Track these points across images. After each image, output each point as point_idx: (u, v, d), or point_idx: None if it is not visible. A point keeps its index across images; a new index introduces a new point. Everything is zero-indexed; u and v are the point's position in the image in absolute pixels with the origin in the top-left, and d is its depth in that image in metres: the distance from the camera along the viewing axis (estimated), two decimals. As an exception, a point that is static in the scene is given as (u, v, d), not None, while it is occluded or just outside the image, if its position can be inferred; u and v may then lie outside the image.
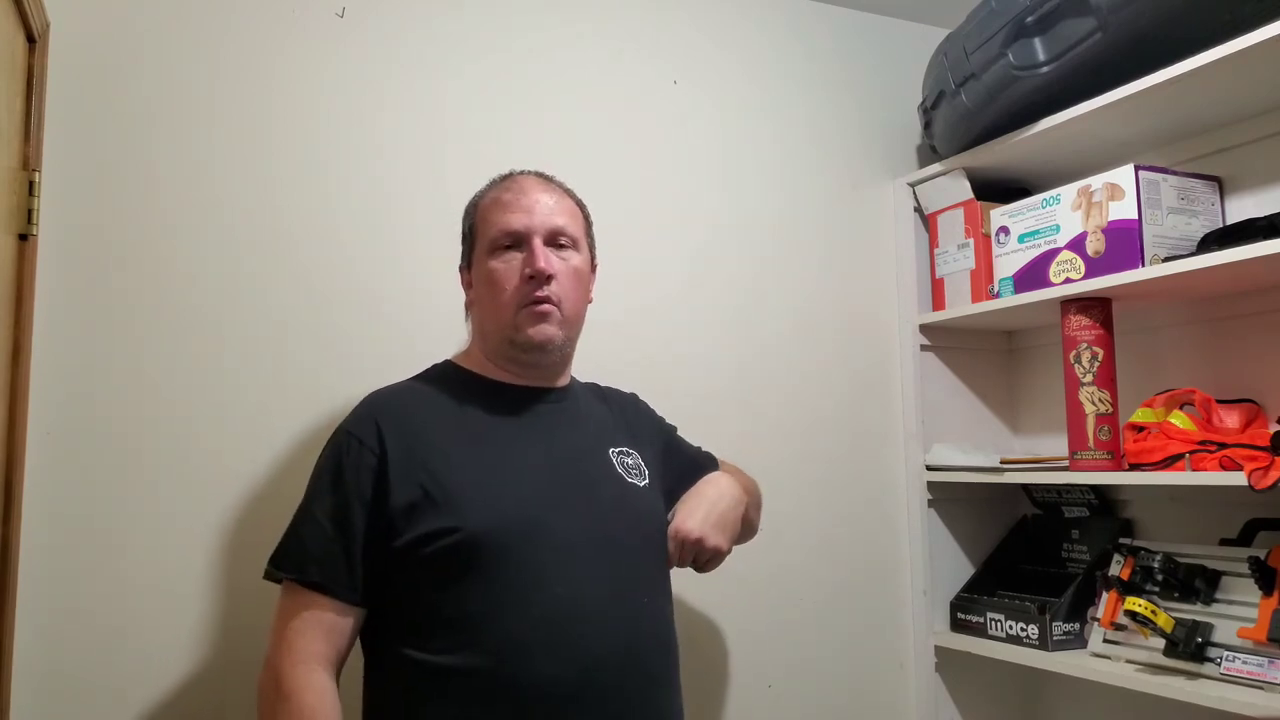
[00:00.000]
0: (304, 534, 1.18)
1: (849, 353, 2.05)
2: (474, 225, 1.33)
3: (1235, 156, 1.71)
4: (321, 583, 1.15)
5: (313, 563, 1.16)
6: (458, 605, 1.15)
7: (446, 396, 1.28)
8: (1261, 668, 1.44)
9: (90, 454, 1.43)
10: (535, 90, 1.80)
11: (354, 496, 1.17)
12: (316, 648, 1.14)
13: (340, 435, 1.23)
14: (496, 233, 1.28)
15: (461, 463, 1.20)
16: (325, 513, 1.18)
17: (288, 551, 1.19)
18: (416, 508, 1.16)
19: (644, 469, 1.36)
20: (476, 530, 1.15)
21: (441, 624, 1.15)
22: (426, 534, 1.15)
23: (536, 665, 1.13)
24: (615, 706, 1.18)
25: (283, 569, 1.18)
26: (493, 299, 1.28)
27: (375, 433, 1.20)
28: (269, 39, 1.60)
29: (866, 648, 1.99)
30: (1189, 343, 1.79)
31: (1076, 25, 1.63)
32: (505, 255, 1.27)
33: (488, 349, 1.32)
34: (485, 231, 1.29)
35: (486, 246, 1.29)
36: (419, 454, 1.19)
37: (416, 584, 1.16)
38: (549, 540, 1.18)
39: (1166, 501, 1.82)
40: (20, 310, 1.34)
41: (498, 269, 1.27)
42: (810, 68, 2.08)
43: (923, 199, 2.10)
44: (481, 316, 1.32)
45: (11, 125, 1.29)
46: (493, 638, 1.13)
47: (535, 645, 1.14)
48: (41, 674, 1.37)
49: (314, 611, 1.15)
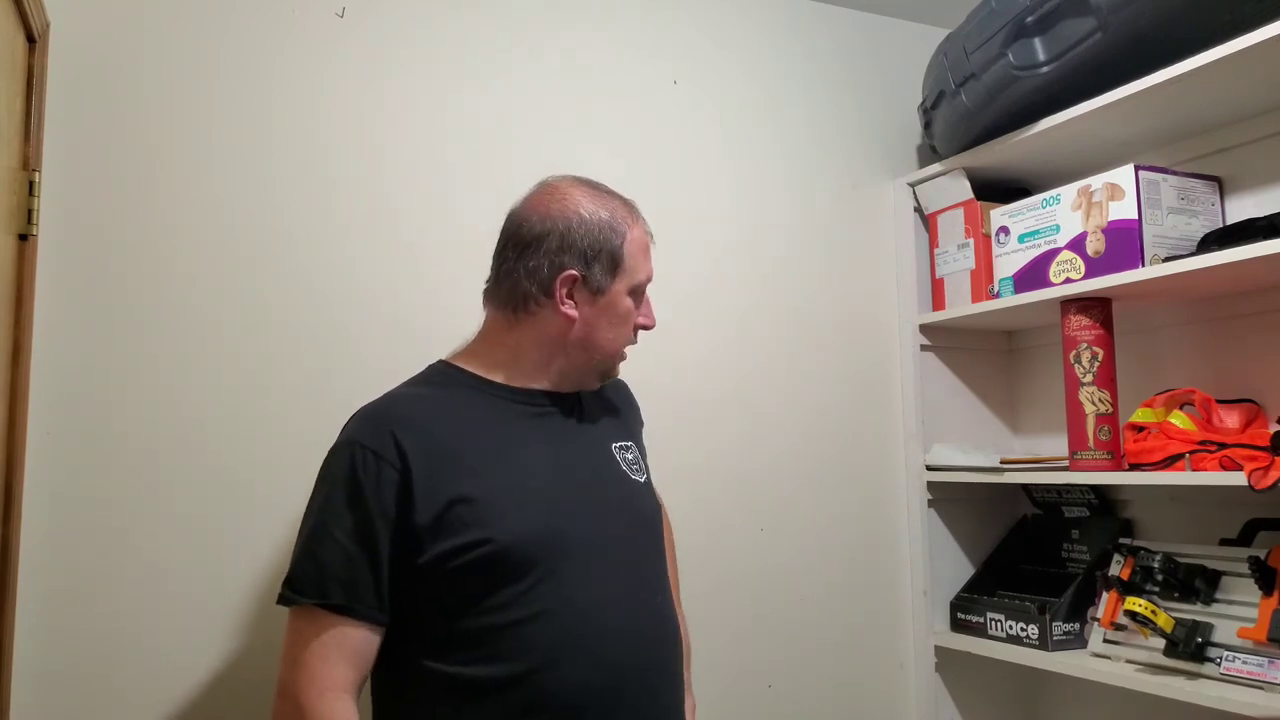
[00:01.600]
0: (322, 555, 1.12)
1: (849, 353, 2.05)
2: (618, 255, 1.25)
3: (1235, 156, 1.71)
4: (347, 604, 1.11)
5: (335, 585, 1.11)
6: (484, 617, 1.13)
7: (460, 403, 1.24)
8: (1261, 668, 1.44)
9: (90, 454, 1.43)
10: (535, 90, 1.80)
11: (376, 513, 1.12)
12: (341, 674, 1.10)
13: (352, 449, 1.16)
14: (645, 279, 1.30)
15: (487, 473, 1.18)
16: (345, 532, 1.12)
17: (305, 575, 1.13)
18: (443, 521, 1.13)
19: (642, 463, 1.37)
20: (506, 542, 1.13)
21: (467, 636, 1.13)
22: (454, 548, 1.12)
23: (565, 673, 1.13)
24: (644, 707, 1.18)
25: (303, 593, 1.12)
26: (612, 331, 1.27)
27: (394, 446, 1.14)
28: (269, 39, 1.60)
29: (866, 648, 1.99)
30: (1189, 343, 1.79)
31: (1076, 25, 1.63)
32: (638, 299, 1.30)
33: (546, 359, 1.27)
34: (634, 270, 1.27)
35: (629, 284, 1.27)
36: (443, 467, 1.15)
37: (440, 597, 1.14)
38: (571, 547, 1.18)
39: (1166, 501, 1.82)
40: (20, 310, 1.34)
41: (631, 310, 1.29)
42: (810, 68, 2.08)
43: (923, 199, 2.10)
44: (580, 336, 1.25)
45: (11, 125, 1.29)
46: (520, 648, 1.12)
47: (563, 653, 1.13)
48: (41, 674, 1.37)
49: (337, 636, 1.10)
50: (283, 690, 1.12)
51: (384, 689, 1.19)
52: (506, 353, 1.27)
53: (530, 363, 1.27)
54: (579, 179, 1.30)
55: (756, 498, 1.92)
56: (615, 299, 1.26)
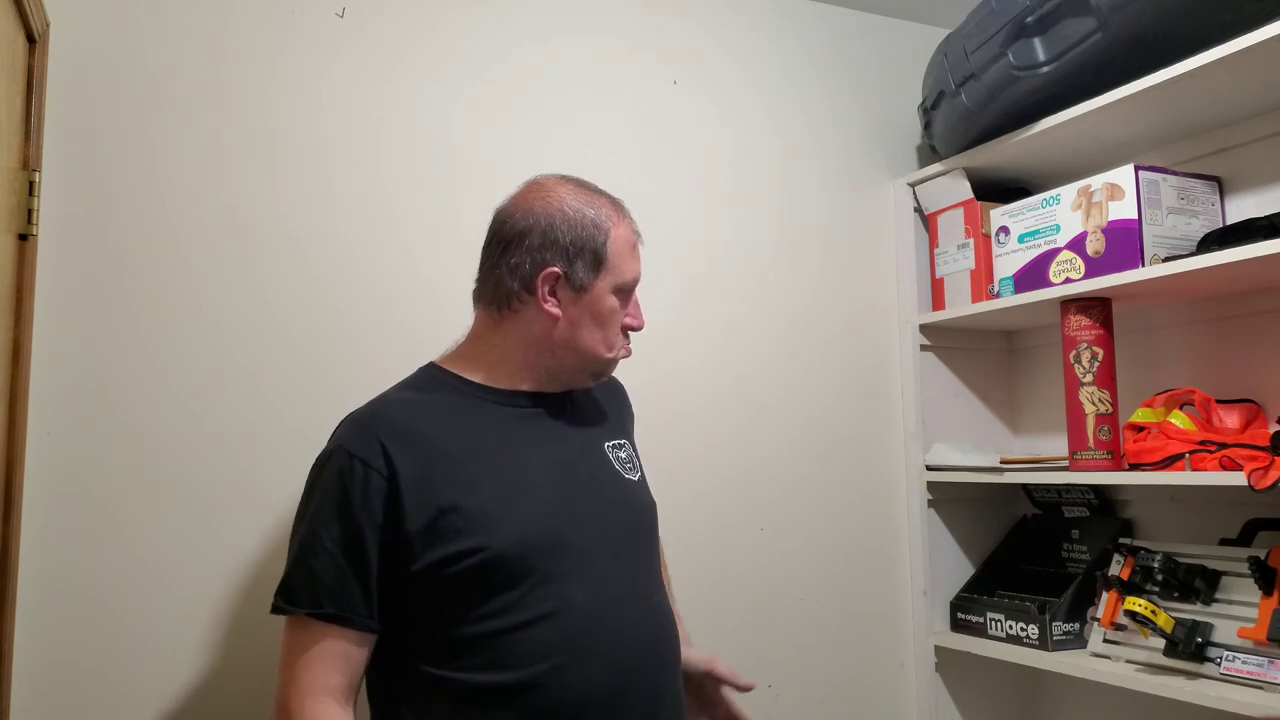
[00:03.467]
0: (313, 565, 1.13)
1: (849, 353, 2.05)
2: (601, 253, 1.24)
3: (1235, 156, 1.71)
4: (338, 614, 1.11)
5: (326, 595, 1.11)
6: (484, 623, 1.12)
7: (449, 407, 1.23)
8: (1261, 668, 1.44)
9: (90, 454, 1.43)
10: (535, 90, 1.80)
11: (365, 523, 1.12)
12: (331, 680, 1.11)
13: (339, 458, 1.15)
14: (631, 279, 1.28)
15: (479, 479, 1.17)
16: (334, 541, 1.12)
17: (297, 585, 1.13)
18: (436, 529, 1.12)
19: (635, 461, 1.36)
20: (502, 548, 1.13)
21: (465, 642, 1.13)
22: (449, 555, 1.12)
23: (567, 676, 1.12)
24: (647, 706, 1.18)
25: (295, 603, 1.13)
26: (597, 330, 1.26)
27: (381, 454, 1.14)
28: (269, 39, 1.60)
29: (866, 648, 1.99)
30: (1189, 343, 1.79)
31: (1076, 25, 1.63)
32: (624, 299, 1.28)
33: (532, 360, 1.26)
34: (619, 269, 1.26)
35: (614, 283, 1.26)
36: (433, 473, 1.15)
37: (437, 603, 1.13)
38: (568, 549, 1.17)
39: (1166, 501, 1.82)
40: (20, 310, 1.34)
41: (617, 310, 1.27)
42: (810, 68, 2.08)
43: (923, 199, 2.10)
44: (565, 336, 1.25)
45: (11, 125, 1.29)
46: (524, 653, 1.12)
47: (567, 657, 1.13)
48: (41, 674, 1.37)
49: (328, 644, 1.11)
50: (278, 700, 1.13)
51: (385, 696, 1.18)
52: (495, 353, 1.26)
53: (516, 363, 1.26)
54: (567, 177, 1.29)
55: (756, 497, 1.92)
56: (598, 297, 1.24)
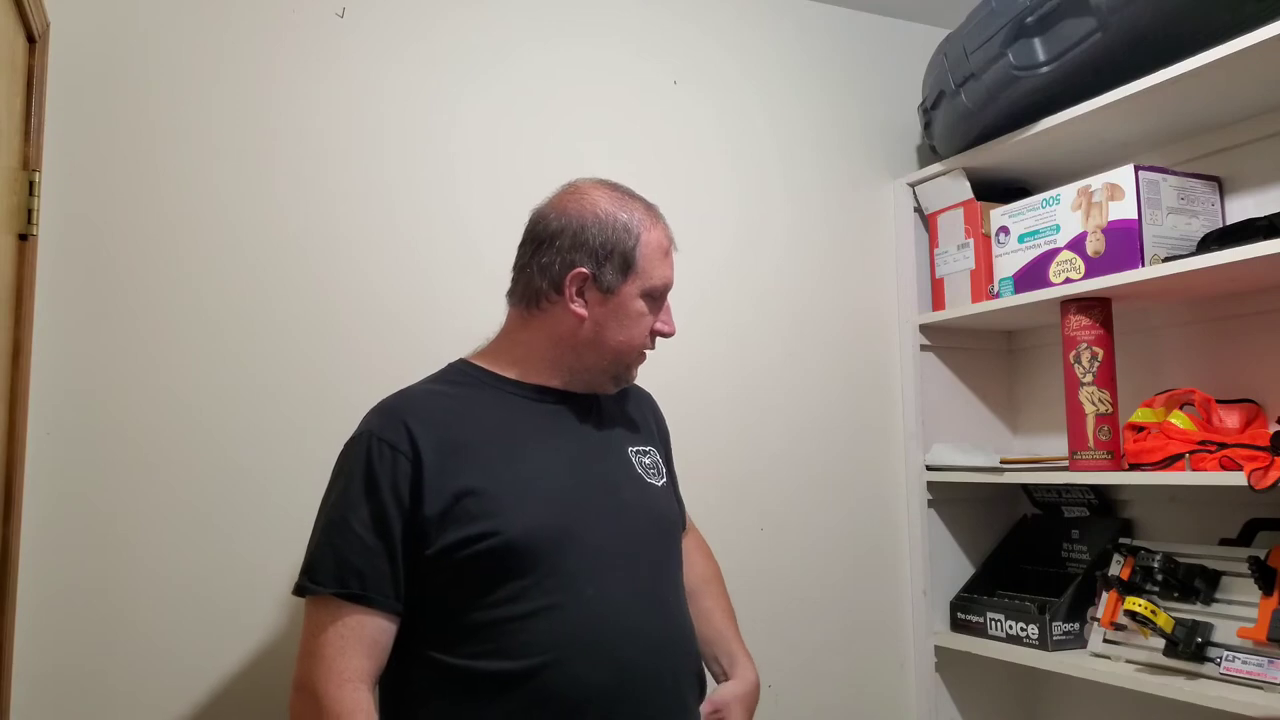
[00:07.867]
0: (339, 545, 1.13)
1: (849, 352, 2.05)
2: (630, 256, 1.25)
3: (1235, 156, 1.71)
4: (364, 594, 1.11)
5: (353, 574, 1.12)
6: (491, 610, 1.13)
7: (476, 400, 1.26)
8: (1261, 668, 1.44)
9: (90, 454, 1.43)
10: (535, 90, 1.80)
11: (391, 504, 1.13)
12: (360, 664, 1.10)
13: (368, 440, 1.17)
14: (661, 283, 1.28)
15: (496, 467, 1.19)
16: (363, 522, 1.13)
17: (322, 564, 1.13)
18: (451, 513, 1.14)
19: (661, 468, 1.36)
20: (513, 535, 1.14)
21: (473, 629, 1.13)
22: (461, 539, 1.13)
23: (573, 669, 1.13)
24: (652, 706, 1.18)
25: (320, 583, 1.12)
26: (623, 333, 1.27)
27: (408, 438, 1.16)
28: (269, 39, 1.60)
29: (866, 648, 1.99)
30: (1189, 343, 1.79)
31: (1076, 25, 1.63)
32: (654, 304, 1.29)
33: (558, 358, 1.27)
34: (648, 273, 1.26)
35: (643, 287, 1.26)
36: (454, 461, 1.16)
37: (447, 589, 1.14)
38: (580, 544, 1.18)
39: (1166, 501, 1.82)
40: (20, 310, 1.34)
41: (645, 314, 1.28)
42: (810, 68, 2.08)
43: (923, 199, 2.10)
44: (590, 336, 1.26)
45: (11, 125, 1.29)
46: (528, 642, 1.13)
47: (571, 649, 1.13)
48: (41, 674, 1.37)
49: (354, 626, 1.11)
50: (300, 683, 1.12)
51: (391, 680, 1.19)
52: (521, 350, 1.29)
53: (542, 360, 1.28)
54: (604, 181, 1.31)
55: (756, 497, 1.92)
56: (626, 300, 1.26)
